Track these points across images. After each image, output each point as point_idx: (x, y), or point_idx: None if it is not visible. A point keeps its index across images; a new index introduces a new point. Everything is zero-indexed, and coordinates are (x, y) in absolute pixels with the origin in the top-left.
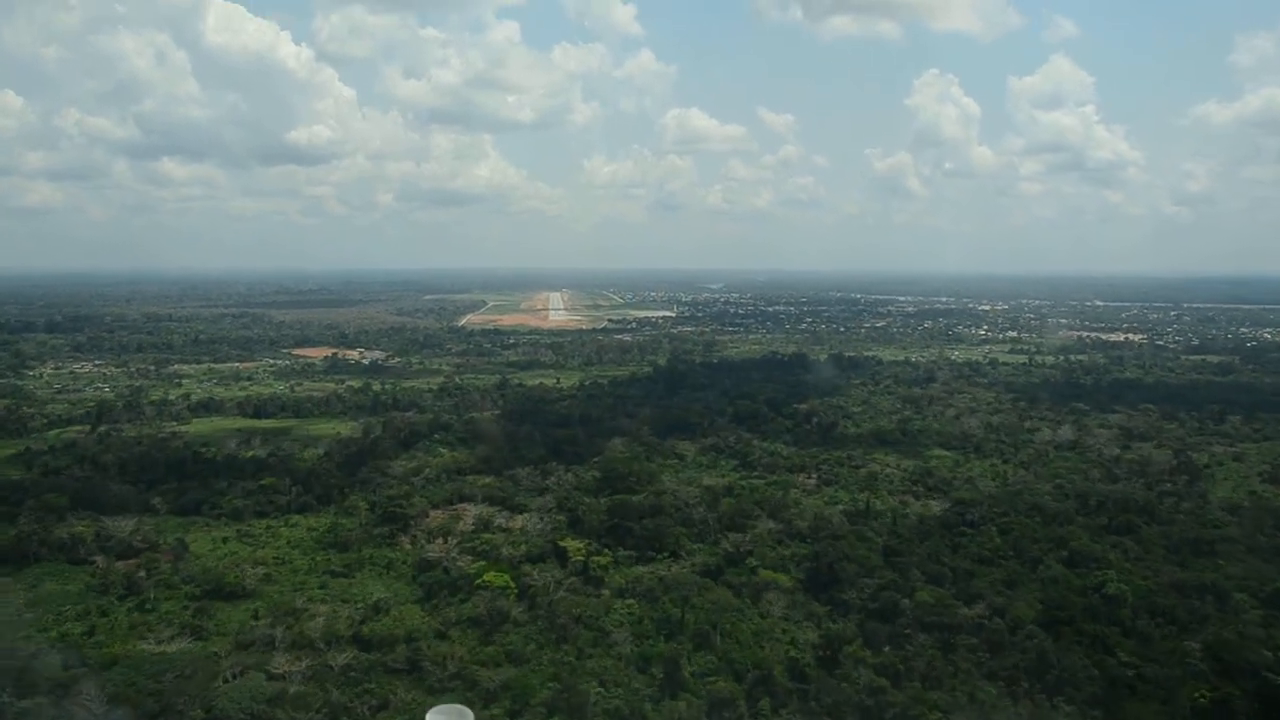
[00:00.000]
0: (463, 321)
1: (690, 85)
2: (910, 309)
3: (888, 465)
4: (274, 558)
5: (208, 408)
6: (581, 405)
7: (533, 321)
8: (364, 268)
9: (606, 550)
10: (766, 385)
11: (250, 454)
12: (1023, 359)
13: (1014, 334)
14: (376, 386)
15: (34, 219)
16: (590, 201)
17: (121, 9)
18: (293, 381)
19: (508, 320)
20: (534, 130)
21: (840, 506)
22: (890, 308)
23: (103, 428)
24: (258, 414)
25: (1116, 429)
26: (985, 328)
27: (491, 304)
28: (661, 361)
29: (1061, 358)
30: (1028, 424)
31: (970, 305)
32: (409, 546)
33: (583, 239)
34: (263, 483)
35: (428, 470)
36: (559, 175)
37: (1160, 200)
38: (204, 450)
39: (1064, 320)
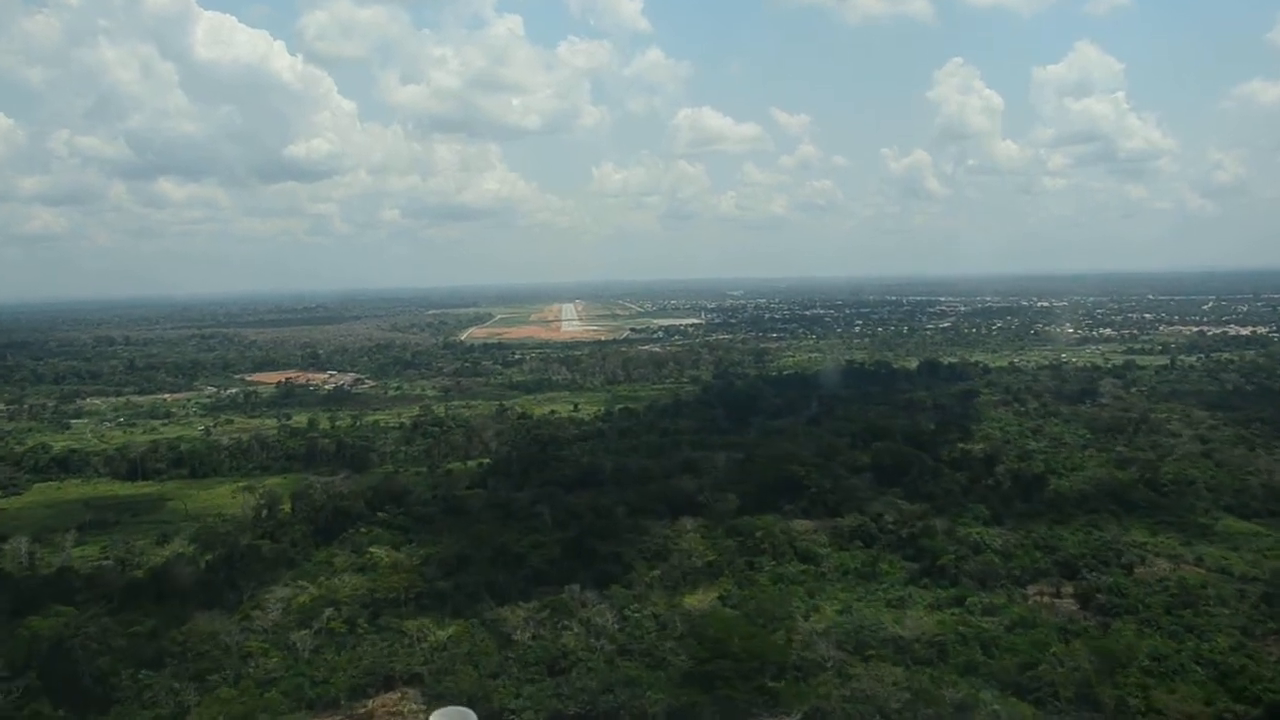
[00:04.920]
0: (464, 335)
1: (702, 82)
2: (963, 308)
3: (1179, 557)
4: None
5: (66, 465)
6: (613, 448)
7: (543, 333)
8: (372, 287)
9: None
10: (868, 407)
11: (54, 560)
12: (1160, 360)
13: (1109, 331)
14: (325, 423)
15: (37, 246)
16: (601, 212)
17: (104, 22)
18: (220, 419)
19: (515, 333)
20: (540, 137)
21: (1193, 682)
22: (941, 308)
23: None
24: (133, 474)
25: None
26: (1072, 327)
27: (499, 316)
28: (706, 377)
29: (1202, 357)
30: None
31: (1024, 303)
32: None
33: (595, 251)
34: None
35: (330, 613)
36: (568, 185)
37: (1189, 192)
38: None
39: (1148, 316)
